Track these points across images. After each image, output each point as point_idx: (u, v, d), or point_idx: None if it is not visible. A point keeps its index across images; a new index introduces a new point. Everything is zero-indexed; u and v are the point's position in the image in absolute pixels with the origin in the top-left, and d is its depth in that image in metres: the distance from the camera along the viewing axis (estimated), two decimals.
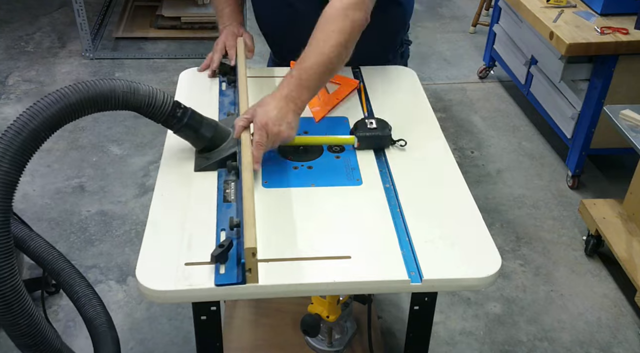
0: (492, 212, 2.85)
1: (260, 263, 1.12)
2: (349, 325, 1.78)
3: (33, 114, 1.11)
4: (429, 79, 3.88)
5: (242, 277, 1.10)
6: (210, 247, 1.18)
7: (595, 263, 2.61)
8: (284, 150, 1.45)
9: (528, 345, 2.26)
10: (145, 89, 1.25)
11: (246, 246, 1.07)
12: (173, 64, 3.93)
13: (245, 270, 1.09)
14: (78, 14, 3.84)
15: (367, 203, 1.32)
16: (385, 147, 1.48)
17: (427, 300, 1.27)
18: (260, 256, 1.13)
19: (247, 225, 1.11)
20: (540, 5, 2.94)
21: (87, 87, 1.17)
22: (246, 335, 1.88)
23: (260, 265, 1.11)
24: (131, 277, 2.45)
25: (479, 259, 1.19)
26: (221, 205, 1.28)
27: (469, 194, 1.36)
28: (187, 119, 1.33)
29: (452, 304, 2.40)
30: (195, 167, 1.39)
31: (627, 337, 2.30)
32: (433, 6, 4.81)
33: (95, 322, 1.56)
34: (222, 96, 1.66)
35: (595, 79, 2.76)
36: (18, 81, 3.75)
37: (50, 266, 1.61)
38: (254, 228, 1.10)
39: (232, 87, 1.69)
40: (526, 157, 3.23)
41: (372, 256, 1.19)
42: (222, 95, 1.66)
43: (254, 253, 1.08)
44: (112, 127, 3.32)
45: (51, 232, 2.65)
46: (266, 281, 1.12)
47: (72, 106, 1.14)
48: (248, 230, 1.10)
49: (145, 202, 2.81)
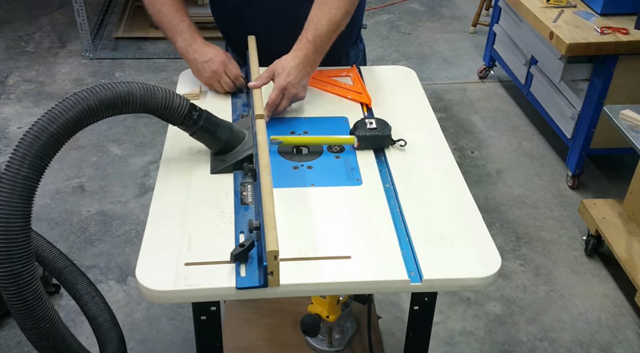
0: (492, 212, 2.85)
1: None
2: (349, 325, 1.78)
3: (52, 117, 1.10)
4: (429, 79, 3.88)
5: (264, 279, 1.10)
6: (210, 247, 1.18)
7: (595, 263, 2.61)
8: (284, 150, 1.45)
9: (528, 345, 2.26)
10: (162, 91, 1.25)
11: (268, 249, 1.06)
12: (173, 64, 3.93)
13: (267, 273, 1.09)
14: (78, 14, 3.84)
15: (367, 203, 1.32)
16: (385, 147, 1.48)
17: (427, 300, 1.27)
18: None
19: (269, 228, 1.10)
20: (540, 5, 2.94)
21: (106, 90, 1.16)
22: (246, 335, 1.88)
23: None
24: (131, 277, 2.45)
25: (479, 259, 1.19)
26: (239, 207, 1.28)
27: (469, 194, 1.36)
28: (203, 122, 1.33)
29: (452, 304, 2.40)
30: (212, 169, 1.39)
31: (627, 337, 2.30)
32: (433, 6, 4.81)
33: (99, 320, 1.56)
34: (235, 98, 1.66)
35: (595, 79, 2.76)
36: (18, 81, 3.76)
37: (52, 265, 1.61)
38: (275, 231, 1.10)
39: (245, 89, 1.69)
40: (526, 157, 3.23)
41: (372, 256, 1.19)
42: (234, 97, 1.66)
43: (276, 256, 1.07)
44: (112, 127, 3.33)
45: (51, 232, 2.65)
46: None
47: (90, 109, 1.14)
48: (270, 233, 1.09)
49: (145, 202, 2.81)
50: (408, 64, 3.92)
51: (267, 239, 1.08)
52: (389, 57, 4.13)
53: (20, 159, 1.07)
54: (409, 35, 4.40)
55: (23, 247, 1.08)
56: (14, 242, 1.07)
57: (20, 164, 1.07)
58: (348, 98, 1.66)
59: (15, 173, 1.06)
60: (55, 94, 3.60)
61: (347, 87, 1.69)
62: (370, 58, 4.09)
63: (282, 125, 1.54)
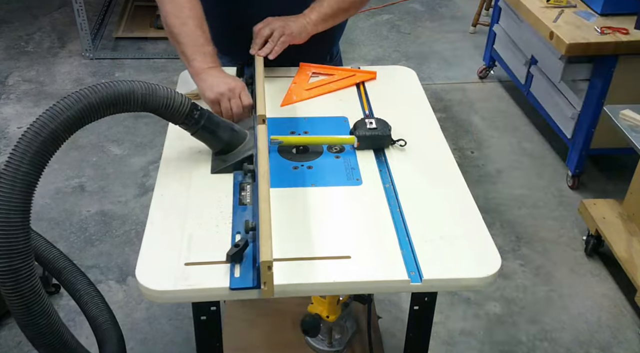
0: (492, 212, 2.85)
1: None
2: (349, 325, 1.78)
3: (53, 114, 1.10)
4: (429, 79, 3.88)
5: (258, 280, 1.10)
6: (209, 247, 1.18)
7: (595, 263, 2.61)
8: (284, 150, 1.45)
9: (528, 345, 2.26)
10: (163, 90, 1.25)
11: (262, 259, 1.05)
12: (173, 64, 3.93)
13: (262, 283, 1.08)
14: (78, 14, 3.84)
15: (367, 203, 1.32)
16: (385, 147, 1.48)
17: (427, 300, 1.27)
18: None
19: (263, 238, 1.09)
20: (540, 5, 2.94)
21: (107, 88, 1.16)
22: (246, 335, 1.88)
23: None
24: (131, 277, 2.45)
25: (479, 259, 1.19)
26: (237, 207, 1.28)
27: (469, 194, 1.36)
28: (204, 121, 1.33)
29: (452, 304, 2.40)
30: (212, 169, 1.39)
31: (627, 337, 2.30)
32: (433, 6, 4.81)
33: (98, 320, 1.56)
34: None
35: (595, 79, 2.76)
36: (18, 81, 3.76)
37: (52, 265, 1.61)
38: (270, 240, 1.08)
39: (249, 90, 1.68)
40: (526, 157, 3.23)
41: (372, 256, 1.19)
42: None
43: (270, 267, 1.05)
44: (112, 127, 3.32)
45: (51, 232, 2.65)
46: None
47: (92, 107, 1.14)
48: (264, 244, 1.07)
49: (145, 202, 2.81)
50: (408, 64, 3.91)
51: (261, 249, 1.07)
52: (389, 57, 4.13)
53: (20, 155, 1.07)
54: (409, 35, 4.40)
55: (22, 242, 1.09)
56: (13, 238, 1.07)
57: (21, 160, 1.07)
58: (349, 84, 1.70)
59: (16, 169, 1.06)
60: (55, 94, 3.60)
61: (342, 75, 1.72)
62: (370, 58, 4.10)
63: (282, 125, 1.54)
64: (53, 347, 1.24)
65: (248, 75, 1.69)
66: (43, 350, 1.25)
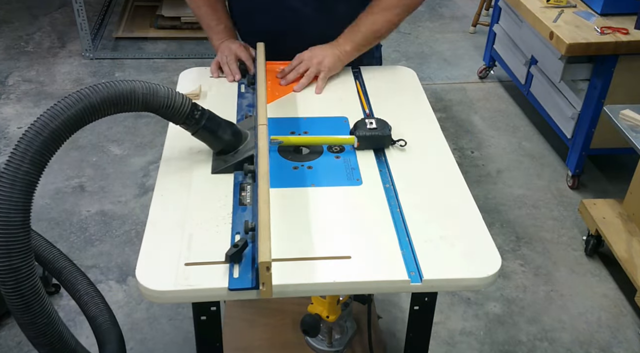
0: (492, 212, 2.85)
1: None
2: (349, 325, 1.78)
3: (54, 114, 1.10)
4: (429, 79, 3.89)
5: (256, 281, 1.09)
6: (210, 247, 1.18)
7: (595, 263, 2.61)
8: (284, 150, 1.45)
9: (528, 345, 2.26)
10: (164, 90, 1.25)
11: (260, 260, 1.05)
12: (173, 64, 3.93)
13: (260, 283, 1.07)
14: (78, 14, 3.84)
15: (367, 203, 1.31)
16: (385, 147, 1.48)
17: (427, 300, 1.27)
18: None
19: (262, 238, 1.08)
20: (540, 5, 2.94)
21: (108, 87, 1.16)
22: (246, 335, 1.88)
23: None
24: (131, 277, 2.45)
25: (479, 259, 1.19)
26: (237, 208, 1.28)
27: (469, 194, 1.36)
28: (204, 121, 1.33)
29: (452, 304, 2.40)
30: (213, 169, 1.38)
31: (627, 337, 2.30)
32: (433, 6, 4.81)
33: (98, 320, 1.56)
34: (241, 98, 1.66)
35: (595, 79, 2.76)
36: (18, 81, 3.76)
37: (51, 265, 1.61)
38: (268, 242, 1.08)
39: (251, 90, 1.69)
40: (526, 157, 3.23)
41: (372, 256, 1.18)
42: (240, 98, 1.66)
43: (268, 268, 1.05)
44: (112, 127, 3.33)
45: (51, 232, 2.65)
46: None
47: (93, 107, 1.14)
48: (263, 244, 1.07)
49: (145, 202, 2.81)
50: (408, 64, 3.92)
51: (260, 250, 1.07)
52: (389, 57, 4.13)
53: (21, 155, 1.07)
54: (409, 35, 4.40)
55: (22, 241, 1.08)
56: (13, 237, 1.07)
57: (22, 159, 1.07)
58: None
59: (16, 168, 1.06)
60: (55, 94, 3.60)
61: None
62: None
63: (282, 125, 1.54)
64: (53, 347, 1.24)
65: (250, 76, 1.71)
66: (43, 350, 1.25)
